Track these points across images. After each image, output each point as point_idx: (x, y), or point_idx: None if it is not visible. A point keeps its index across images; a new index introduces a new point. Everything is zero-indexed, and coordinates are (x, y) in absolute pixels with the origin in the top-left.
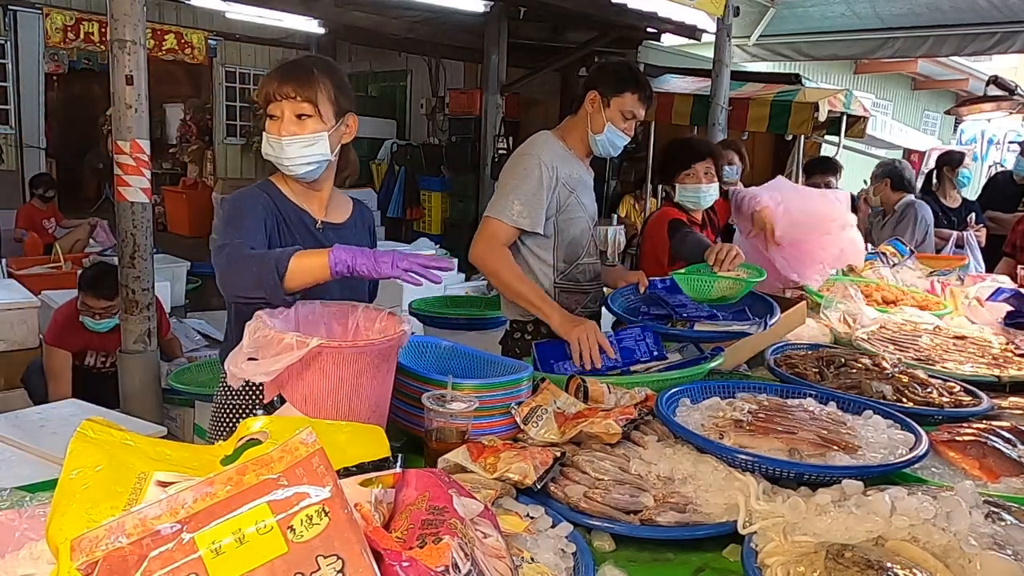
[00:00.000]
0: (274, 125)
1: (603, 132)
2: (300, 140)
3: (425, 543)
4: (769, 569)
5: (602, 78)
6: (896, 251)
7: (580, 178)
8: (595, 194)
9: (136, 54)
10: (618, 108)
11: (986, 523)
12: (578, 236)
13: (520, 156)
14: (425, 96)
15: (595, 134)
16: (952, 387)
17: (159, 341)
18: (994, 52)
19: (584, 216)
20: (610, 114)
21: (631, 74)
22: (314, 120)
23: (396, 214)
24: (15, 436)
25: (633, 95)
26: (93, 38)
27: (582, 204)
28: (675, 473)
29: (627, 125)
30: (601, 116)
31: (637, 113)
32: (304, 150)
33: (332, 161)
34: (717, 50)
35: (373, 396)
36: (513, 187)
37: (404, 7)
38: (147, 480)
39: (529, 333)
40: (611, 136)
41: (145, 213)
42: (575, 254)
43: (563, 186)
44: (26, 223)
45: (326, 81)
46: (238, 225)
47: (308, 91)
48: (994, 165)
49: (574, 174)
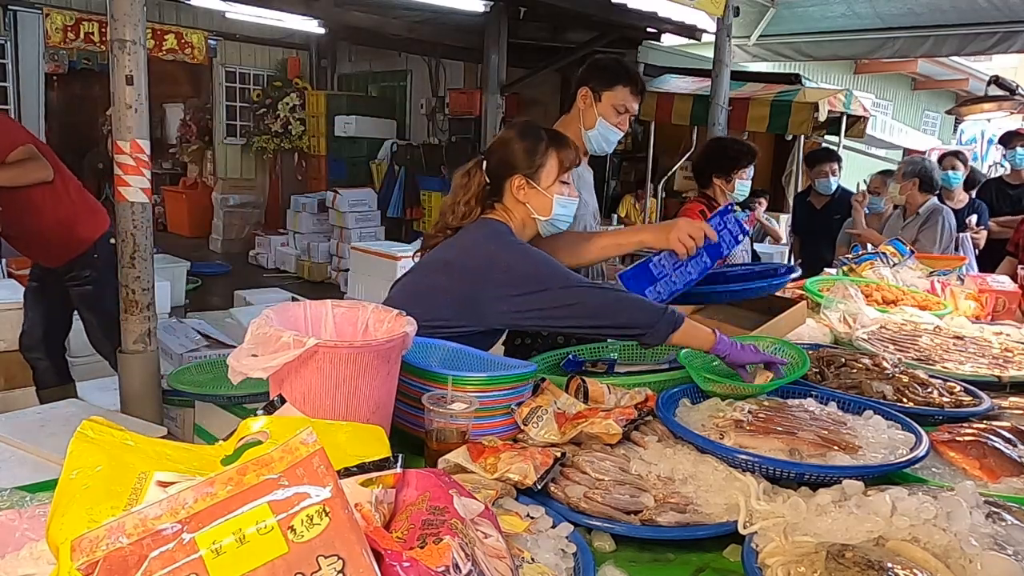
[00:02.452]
0: (565, 188)
1: (595, 127)
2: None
3: (426, 543)
4: (770, 569)
5: (593, 73)
6: (896, 251)
7: (580, 175)
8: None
9: (136, 54)
10: (610, 103)
11: (987, 523)
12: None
13: None
14: (425, 96)
15: (587, 130)
16: (952, 387)
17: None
18: (994, 52)
19: (587, 213)
20: (602, 109)
21: (622, 68)
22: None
23: (396, 214)
24: (15, 436)
25: (625, 88)
26: (93, 38)
27: (584, 201)
28: (675, 473)
29: (620, 120)
30: (593, 111)
31: (630, 107)
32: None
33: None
34: (717, 50)
35: (374, 396)
36: None
37: (404, 7)
38: (147, 480)
39: (530, 337)
40: (603, 131)
41: (145, 213)
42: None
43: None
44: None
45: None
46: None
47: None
48: (994, 165)
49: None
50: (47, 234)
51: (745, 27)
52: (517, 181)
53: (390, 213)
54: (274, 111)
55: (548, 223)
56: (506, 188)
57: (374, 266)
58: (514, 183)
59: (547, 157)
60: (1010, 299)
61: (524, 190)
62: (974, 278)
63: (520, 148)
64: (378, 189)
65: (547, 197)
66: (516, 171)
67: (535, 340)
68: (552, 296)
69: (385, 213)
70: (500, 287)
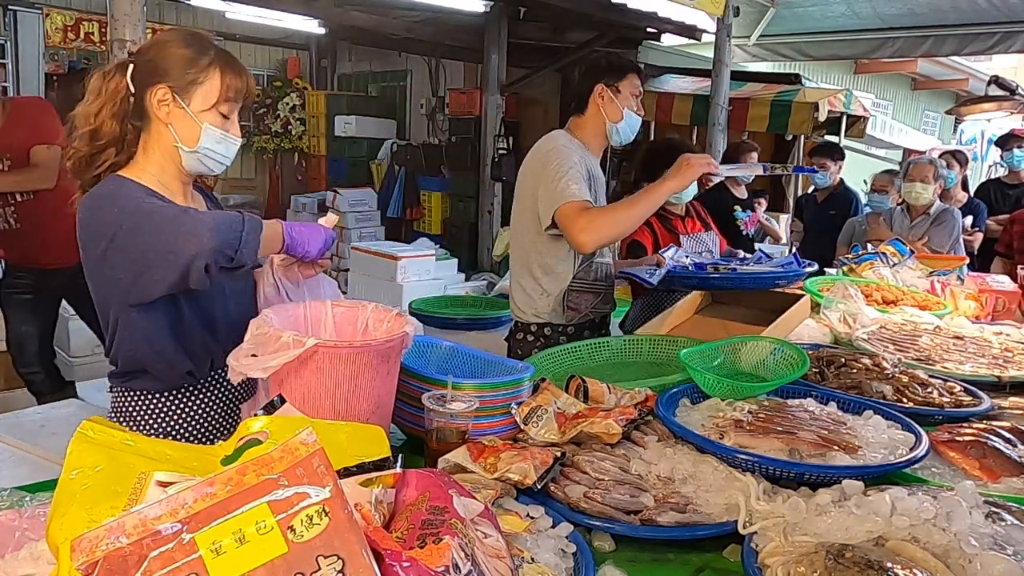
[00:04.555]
0: (228, 124)
1: (623, 119)
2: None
3: (425, 543)
4: (769, 569)
5: (603, 70)
6: (896, 251)
7: (598, 176)
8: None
9: None
10: (628, 91)
11: (986, 523)
12: None
13: (551, 151)
14: (425, 96)
15: (615, 123)
16: (952, 387)
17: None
18: (994, 52)
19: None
20: (623, 100)
21: (625, 59)
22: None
23: (396, 214)
24: (15, 436)
25: (634, 75)
26: (93, 38)
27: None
28: (675, 473)
29: (638, 105)
30: (615, 104)
31: (640, 93)
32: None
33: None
34: (717, 50)
35: (373, 396)
36: (563, 173)
37: (404, 7)
38: (147, 480)
39: (532, 334)
40: (629, 120)
41: None
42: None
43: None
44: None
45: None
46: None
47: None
48: (994, 165)
49: (593, 171)
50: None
51: (745, 27)
52: (161, 92)
53: (390, 213)
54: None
55: (194, 156)
56: (148, 101)
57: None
58: (156, 94)
59: (208, 74)
60: (1010, 299)
61: (168, 107)
62: (974, 278)
63: (178, 54)
64: (378, 189)
65: (196, 124)
66: (162, 80)
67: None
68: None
69: (385, 213)
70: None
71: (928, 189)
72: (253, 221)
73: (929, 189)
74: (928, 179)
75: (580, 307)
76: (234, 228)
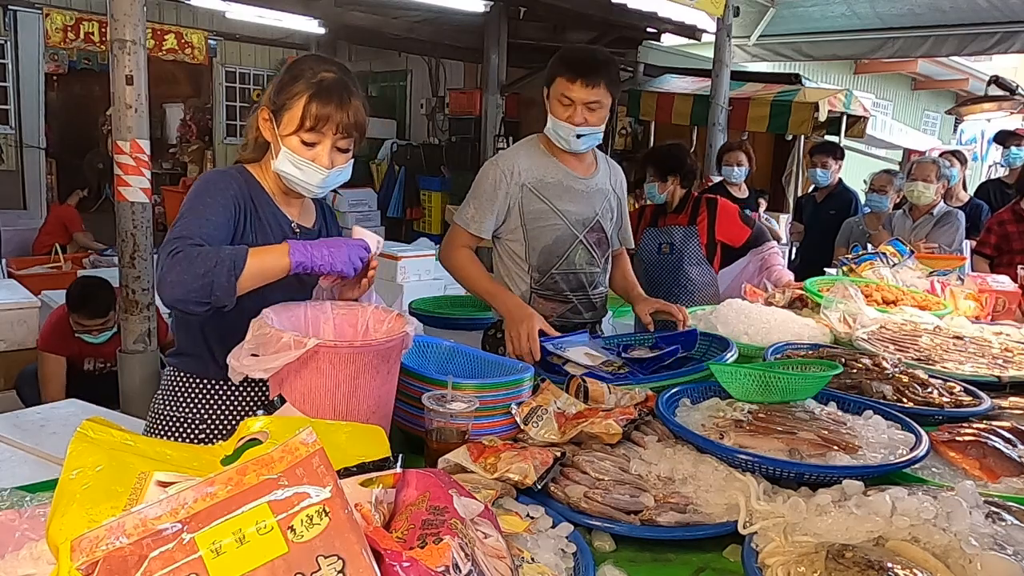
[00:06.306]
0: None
1: (549, 125)
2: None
3: (425, 543)
4: (770, 569)
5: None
6: (896, 251)
7: (559, 183)
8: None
9: (136, 54)
10: (555, 97)
11: (986, 523)
12: (552, 245)
13: (483, 168)
14: (425, 96)
15: (548, 129)
16: (952, 387)
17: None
18: (994, 52)
19: (562, 224)
20: (551, 105)
21: (559, 58)
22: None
23: (396, 214)
24: (15, 436)
25: (562, 78)
26: (93, 38)
27: (559, 211)
28: (675, 473)
29: (570, 113)
30: (546, 109)
31: (572, 97)
32: (338, 178)
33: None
34: (717, 50)
35: (373, 396)
36: (472, 192)
37: (404, 7)
38: (147, 480)
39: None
40: (554, 127)
41: (145, 213)
42: (548, 263)
43: (530, 192)
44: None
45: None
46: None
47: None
48: (994, 165)
49: (549, 178)
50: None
51: (745, 27)
52: (265, 112)
53: (390, 213)
54: None
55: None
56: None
57: None
58: (263, 113)
59: (296, 100)
60: (1010, 299)
61: (268, 127)
62: (974, 278)
63: (283, 78)
64: (378, 189)
65: (279, 146)
66: (268, 101)
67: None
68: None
69: (385, 213)
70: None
71: (930, 188)
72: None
73: (931, 189)
74: (930, 178)
75: (545, 313)
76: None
